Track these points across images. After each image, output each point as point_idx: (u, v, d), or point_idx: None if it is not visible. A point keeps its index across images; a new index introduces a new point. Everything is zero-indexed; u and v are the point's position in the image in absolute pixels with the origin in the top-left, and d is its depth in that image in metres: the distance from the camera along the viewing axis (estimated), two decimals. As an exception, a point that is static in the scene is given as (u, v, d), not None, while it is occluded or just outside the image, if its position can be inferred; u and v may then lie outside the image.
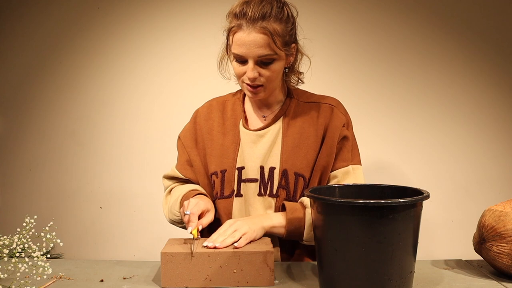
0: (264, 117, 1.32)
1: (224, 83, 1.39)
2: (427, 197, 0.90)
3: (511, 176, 2.29)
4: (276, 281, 1.04)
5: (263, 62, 1.18)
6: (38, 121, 2.42)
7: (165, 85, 2.36)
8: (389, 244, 0.85)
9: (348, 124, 1.29)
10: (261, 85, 1.21)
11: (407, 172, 2.30)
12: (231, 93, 1.41)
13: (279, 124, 1.29)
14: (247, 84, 1.21)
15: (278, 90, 1.32)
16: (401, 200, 0.85)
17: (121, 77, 2.38)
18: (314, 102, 1.31)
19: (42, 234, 0.98)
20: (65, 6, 2.38)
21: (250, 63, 1.17)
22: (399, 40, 2.28)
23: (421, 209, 0.91)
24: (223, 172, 1.28)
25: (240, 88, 1.38)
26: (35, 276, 0.95)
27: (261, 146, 1.27)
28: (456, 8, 2.27)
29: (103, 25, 2.37)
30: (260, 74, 1.19)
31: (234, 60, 1.21)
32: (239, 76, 1.23)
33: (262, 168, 1.26)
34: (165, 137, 2.33)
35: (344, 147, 1.26)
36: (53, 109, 2.41)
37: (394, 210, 0.84)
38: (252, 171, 1.26)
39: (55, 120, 2.41)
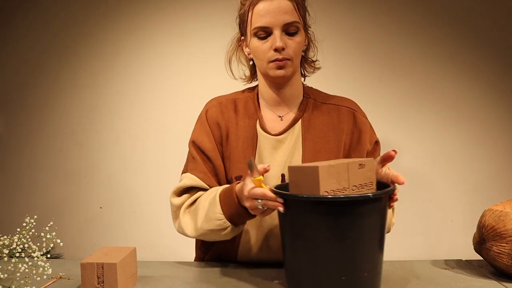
0: (280, 116, 1.23)
1: (224, 84, 1.37)
2: (392, 190, 0.87)
3: (511, 176, 2.29)
4: (276, 281, 1.04)
5: (288, 33, 1.11)
6: (38, 121, 2.42)
7: (166, 85, 2.36)
8: (354, 240, 0.82)
9: (372, 128, 1.24)
10: (289, 59, 1.12)
11: (407, 173, 2.30)
12: (238, 92, 1.29)
13: (298, 127, 1.20)
14: (274, 61, 1.11)
15: (297, 83, 1.23)
16: (364, 195, 0.82)
17: (121, 77, 2.38)
18: (333, 104, 1.23)
19: (42, 234, 0.98)
20: (65, 6, 2.37)
21: (277, 32, 1.09)
22: (403, 40, 2.28)
23: (386, 204, 0.88)
24: (238, 178, 1.16)
25: (244, 88, 1.30)
26: (35, 276, 0.95)
27: (281, 153, 1.18)
28: (457, 8, 2.26)
29: (103, 25, 2.37)
30: (286, 46, 1.10)
31: (255, 39, 1.12)
32: (263, 55, 1.12)
33: (283, 176, 1.16)
34: (166, 137, 2.32)
35: (375, 151, 1.21)
36: (53, 109, 2.41)
37: (357, 205, 0.81)
38: (273, 180, 1.15)
39: (55, 120, 2.41)
